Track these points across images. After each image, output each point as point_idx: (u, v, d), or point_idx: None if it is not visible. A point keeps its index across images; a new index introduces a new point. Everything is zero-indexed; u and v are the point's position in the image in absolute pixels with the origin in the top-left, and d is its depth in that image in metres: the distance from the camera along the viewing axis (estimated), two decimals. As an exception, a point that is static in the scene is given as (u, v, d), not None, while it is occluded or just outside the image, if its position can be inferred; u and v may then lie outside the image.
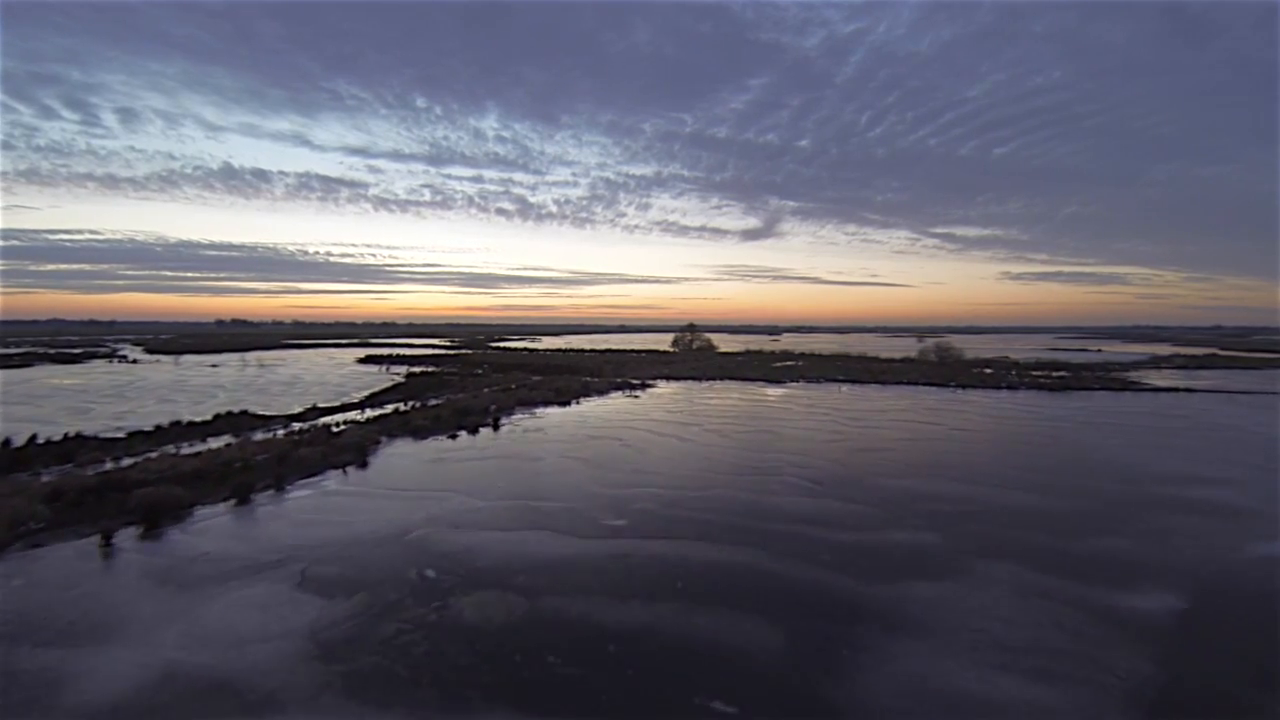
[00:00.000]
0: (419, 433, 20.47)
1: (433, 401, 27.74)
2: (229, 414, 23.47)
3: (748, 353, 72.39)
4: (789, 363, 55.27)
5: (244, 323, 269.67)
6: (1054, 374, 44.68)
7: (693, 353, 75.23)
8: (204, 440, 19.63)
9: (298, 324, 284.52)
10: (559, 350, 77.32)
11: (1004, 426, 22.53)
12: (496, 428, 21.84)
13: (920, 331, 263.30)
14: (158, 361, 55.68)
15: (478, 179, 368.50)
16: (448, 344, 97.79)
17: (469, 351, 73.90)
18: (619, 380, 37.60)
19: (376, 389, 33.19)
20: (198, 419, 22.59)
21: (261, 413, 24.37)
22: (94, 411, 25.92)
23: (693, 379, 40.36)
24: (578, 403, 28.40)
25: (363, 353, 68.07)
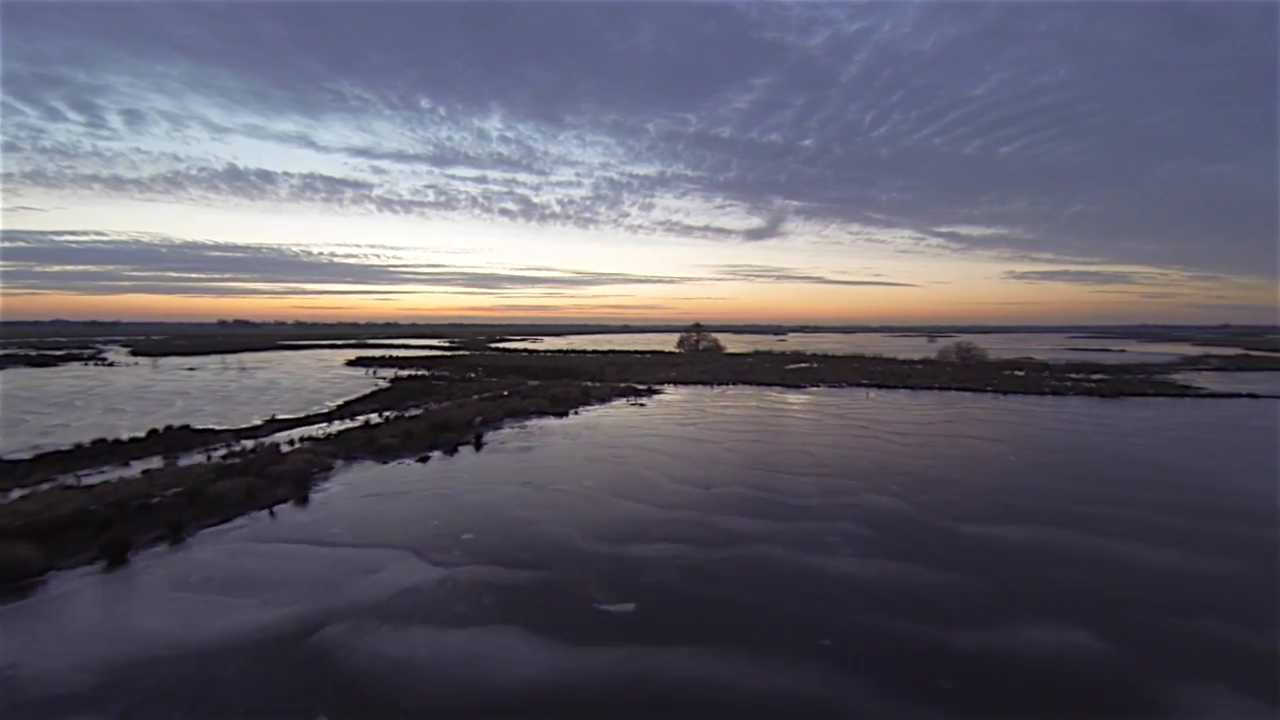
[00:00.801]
0: (384, 453, 17.03)
1: (412, 412, 24.34)
2: (168, 430, 20.09)
3: (756, 354, 68.86)
4: (803, 365, 51.72)
5: (246, 324, 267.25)
6: (1093, 377, 41.03)
7: (699, 354, 71.72)
8: (126, 464, 16.25)
9: (300, 325, 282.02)
10: (560, 352, 73.91)
11: (1080, 443, 18.96)
12: (479, 446, 18.41)
13: (927, 331, 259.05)
14: (136, 364, 52.46)
15: (481, 179, 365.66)
16: (447, 345, 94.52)
17: (467, 353, 70.55)
18: (622, 385, 34.13)
19: (354, 396, 29.81)
20: (131, 436, 19.23)
21: (210, 427, 20.99)
22: (26, 424, 22.60)
23: (702, 383, 36.85)
24: (576, 413, 24.94)
25: (356, 354, 64.78)
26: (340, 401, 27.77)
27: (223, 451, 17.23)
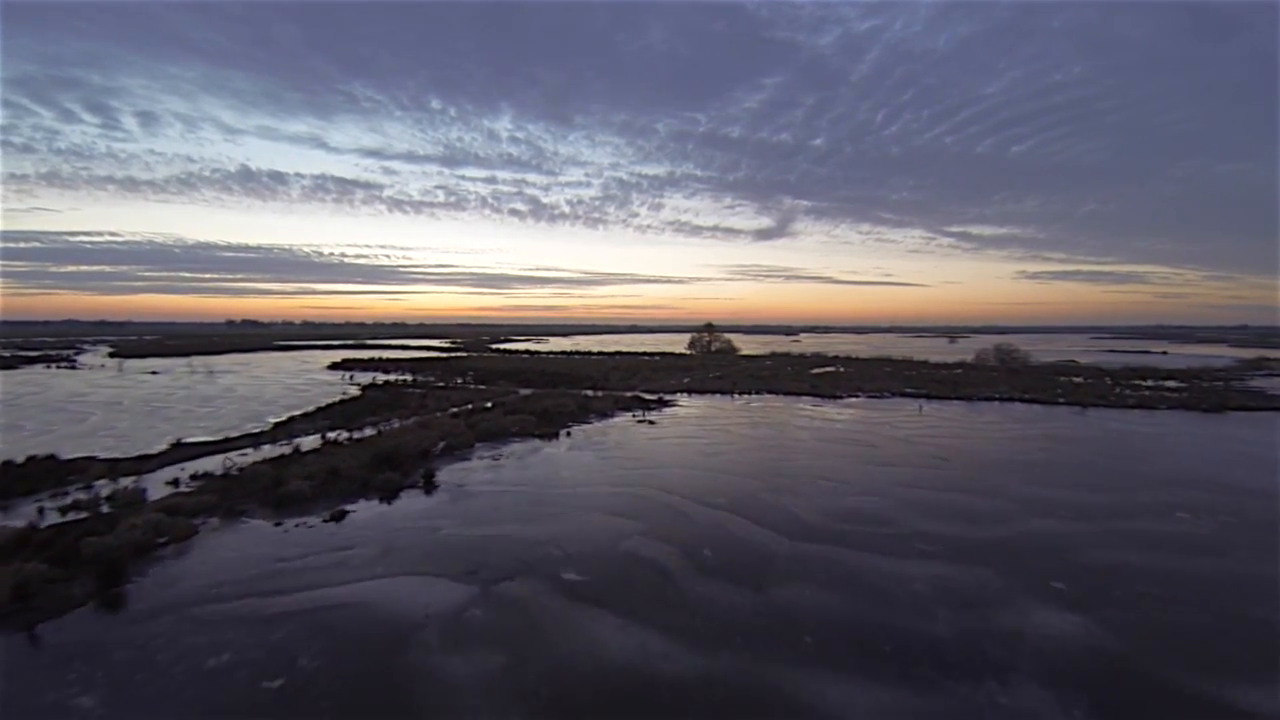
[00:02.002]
0: (286, 505, 11.96)
1: (366, 431, 19.34)
2: (30, 461, 15.14)
3: (774, 356, 63.43)
4: (828, 368, 46.29)
5: (254, 323, 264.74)
6: (1166, 385, 35.38)
7: (712, 355, 66.41)
8: (-79, 519, 11.27)
9: (307, 324, 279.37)
10: (564, 353, 68.83)
11: (1250, 484, 13.55)
12: (429, 488, 13.31)
13: (940, 331, 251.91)
14: (102, 367, 47.92)
15: (491, 180, 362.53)
16: (447, 346, 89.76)
17: (465, 354, 65.62)
18: (628, 395, 28.95)
19: (310, 408, 24.81)
20: (-29, 470, 14.27)
21: (90, 455, 16.00)
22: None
23: (720, 392, 31.56)
24: (568, 432, 19.76)
25: (345, 356, 59.99)
26: (286, 416, 22.75)
27: (70, 499, 12.22)
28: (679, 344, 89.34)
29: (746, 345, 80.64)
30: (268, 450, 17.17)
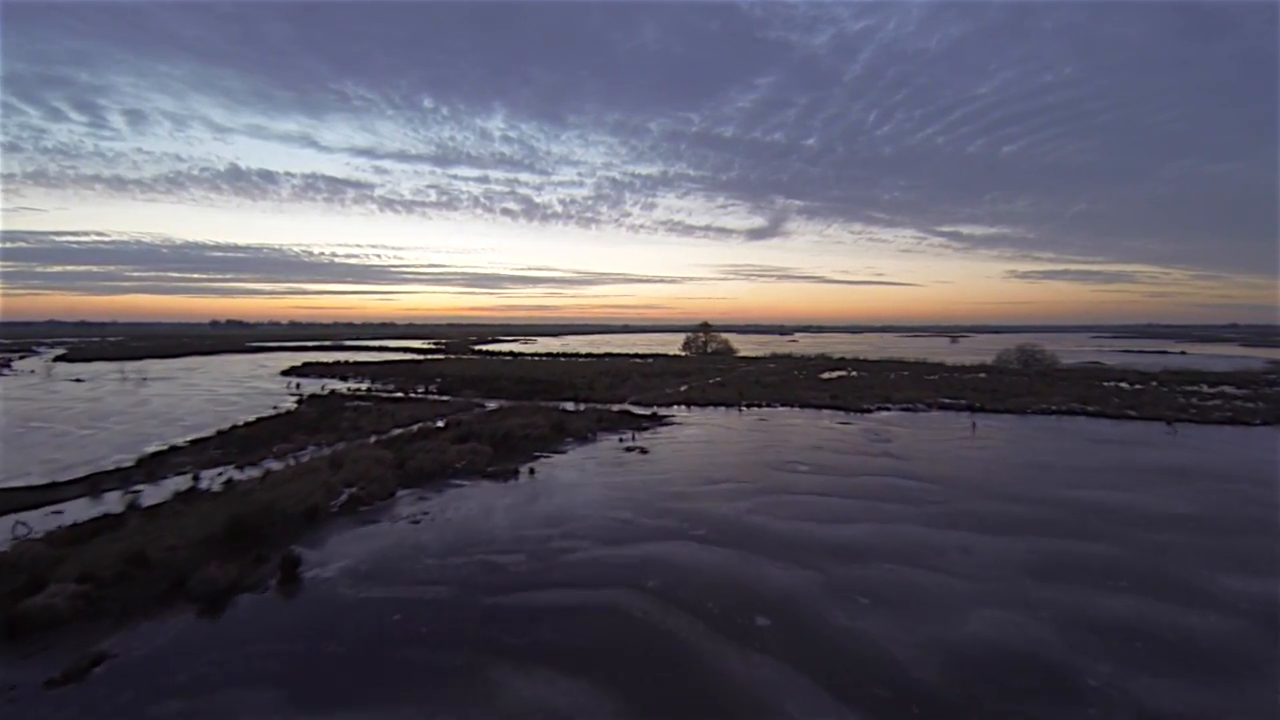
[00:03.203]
0: (26, 632, 6.81)
1: (260, 468, 14.19)
2: None
3: (775, 358, 58.52)
4: (839, 373, 41.39)
5: (240, 324, 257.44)
6: (1225, 392, 30.72)
7: (709, 357, 61.43)
8: None
9: (294, 325, 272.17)
10: (550, 355, 63.63)
11: None
12: (286, 584, 8.21)
13: (936, 330, 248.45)
14: (32, 373, 42.31)
15: (483, 179, 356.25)
16: (428, 347, 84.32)
17: (442, 357, 60.27)
18: (615, 409, 23.88)
19: (212, 431, 19.54)
20: None
21: None
22: None
23: (724, 404, 26.52)
24: (530, 471, 14.60)
25: (307, 360, 54.48)
26: (170, 445, 17.44)
27: None
28: (672, 344, 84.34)
29: (741, 345, 75.75)
30: (107, 500, 12.04)
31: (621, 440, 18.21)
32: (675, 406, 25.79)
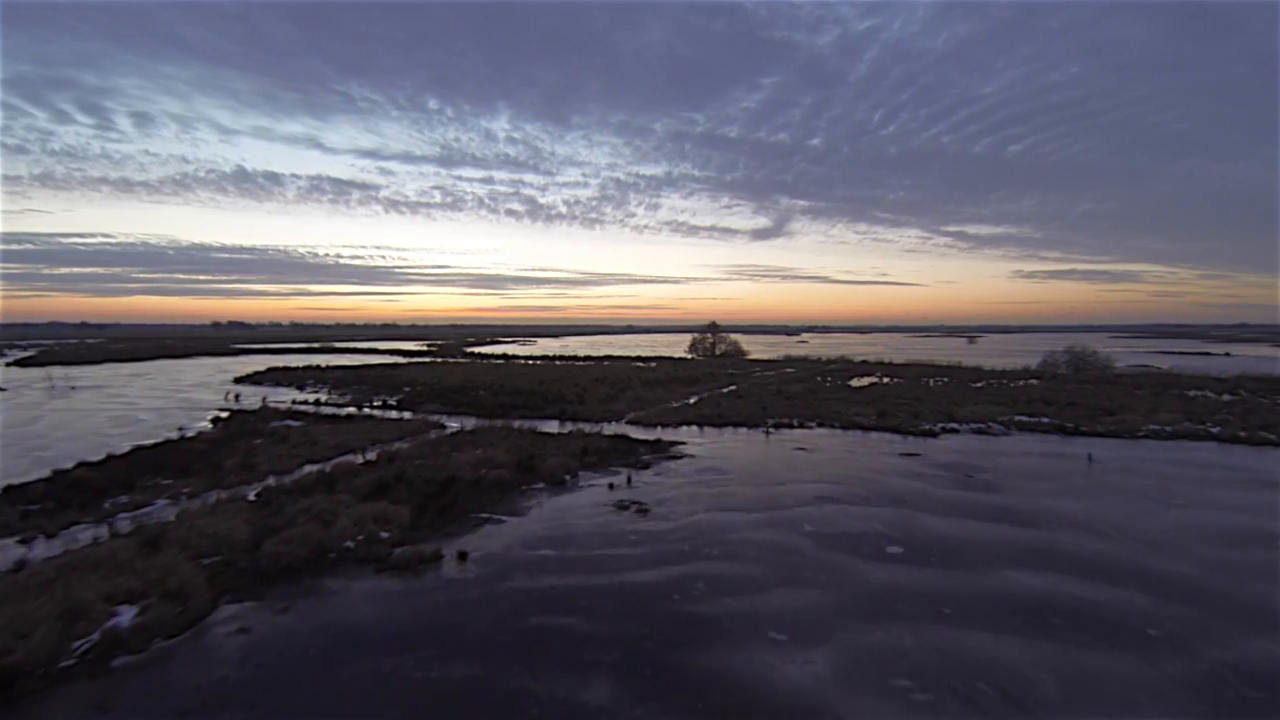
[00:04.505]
0: None
1: (60, 539, 8.81)
2: None
3: (790, 361, 52.97)
4: (870, 379, 35.83)
5: (242, 325, 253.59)
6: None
7: (717, 359, 55.94)
8: None
9: (296, 326, 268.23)
10: (546, 358, 58.27)
11: None
12: None
13: (943, 330, 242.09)
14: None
15: (488, 180, 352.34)
16: (418, 350, 79.20)
17: (428, 360, 54.96)
18: (608, 433, 18.48)
19: (57, 467, 14.20)
20: None
21: None
22: None
23: (744, 424, 21.04)
24: (462, 556, 9.14)
25: (273, 364, 49.22)
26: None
27: None
28: (677, 345, 78.86)
29: (750, 347, 70.10)
30: None
31: (612, 487, 12.75)
32: (684, 427, 20.35)
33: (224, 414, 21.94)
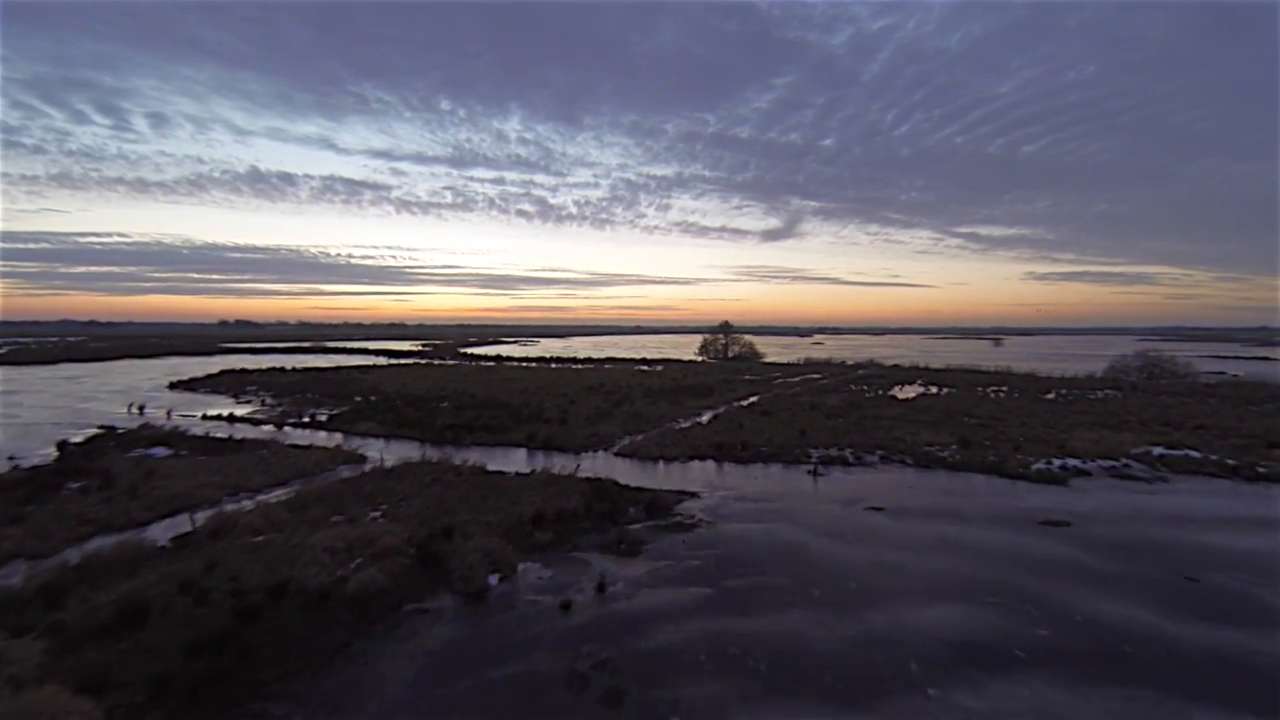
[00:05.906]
0: None
1: None
2: None
3: (811, 365, 46.97)
4: (914, 388, 29.87)
5: (249, 324, 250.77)
6: None
7: (731, 362, 50.13)
8: None
9: (304, 325, 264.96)
10: (543, 361, 52.66)
11: None
12: None
13: (955, 332, 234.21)
14: None
15: (499, 181, 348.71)
16: (409, 350, 73.93)
17: (412, 362, 49.57)
18: (591, 466, 12.75)
19: None
20: None
21: None
22: None
23: (782, 458, 15.24)
24: None
25: (228, 366, 43.94)
26: None
27: None
28: (686, 346, 73.03)
29: (762, 349, 63.87)
30: None
31: (568, 607, 7.01)
32: (694, 462, 14.61)
33: (87, 436, 16.49)
